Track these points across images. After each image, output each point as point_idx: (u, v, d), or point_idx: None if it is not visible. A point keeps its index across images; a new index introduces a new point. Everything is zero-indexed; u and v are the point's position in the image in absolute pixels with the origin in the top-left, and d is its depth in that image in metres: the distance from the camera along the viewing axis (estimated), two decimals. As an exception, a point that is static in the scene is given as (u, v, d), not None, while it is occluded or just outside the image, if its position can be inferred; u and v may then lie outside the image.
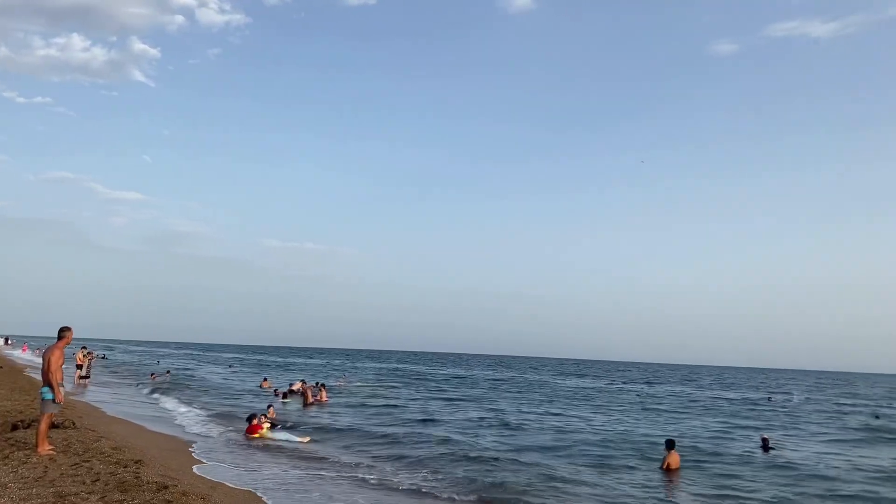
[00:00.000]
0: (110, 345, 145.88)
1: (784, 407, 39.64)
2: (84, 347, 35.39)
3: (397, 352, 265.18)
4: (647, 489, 12.74)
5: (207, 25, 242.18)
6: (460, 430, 20.26)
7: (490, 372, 79.78)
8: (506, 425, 22.21)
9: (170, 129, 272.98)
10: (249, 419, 17.42)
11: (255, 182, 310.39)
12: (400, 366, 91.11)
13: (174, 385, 35.89)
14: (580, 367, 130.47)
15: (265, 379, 38.77)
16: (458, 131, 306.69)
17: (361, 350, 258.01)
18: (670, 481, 13.87)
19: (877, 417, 34.31)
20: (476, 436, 19.18)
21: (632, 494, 12.12)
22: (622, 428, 23.00)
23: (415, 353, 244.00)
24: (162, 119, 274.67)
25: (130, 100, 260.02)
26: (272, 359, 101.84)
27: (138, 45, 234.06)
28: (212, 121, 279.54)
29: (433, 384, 48.21)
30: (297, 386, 29.89)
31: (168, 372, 43.47)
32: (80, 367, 31.35)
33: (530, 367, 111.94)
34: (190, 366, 64.25)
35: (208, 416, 21.57)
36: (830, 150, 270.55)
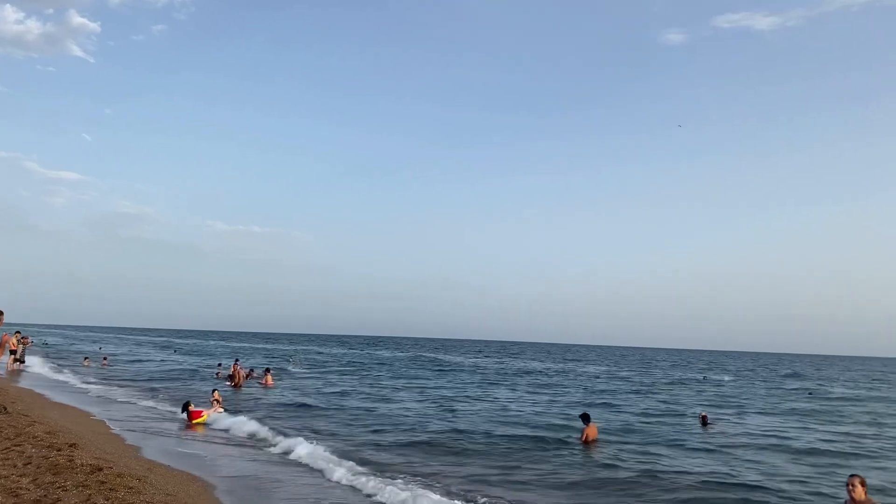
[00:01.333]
0: (50, 330, 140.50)
1: (720, 385, 41.46)
2: (18, 332, 34.06)
3: (349, 336, 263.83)
4: (566, 463, 13.27)
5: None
6: (399, 412, 20.62)
7: (434, 354, 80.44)
8: (442, 407, 22.72)
9: (111, 108, 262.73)
10: (185, 408, 17.14)
11: (201, 162, 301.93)
12: (349, 351, 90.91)
13: (114, 370, 35.07)
14: (530, 350, 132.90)
15: (219, 364, 38.13)
16: (410, 112, 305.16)
17: (312, 335, 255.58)
18: (591, 452, 14.57)
19: (810, 394, 36.35)
20: (412, 416, 19.55)
21: (552, 468, 12.57)
22: (556, 409, 23.70)
23: (369, 338, 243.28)
24: (102, 96, 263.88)
25: (68, 76, 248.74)
26: (221, 343, 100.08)
27: (77, 19, 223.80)
28: (156, 99, 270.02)
29: (380, 367, 48.43)
30: (233, 369, 29.65)
31: (105, 359, 42.28)
32: (13, 352, 30.26)
33: (477, 351, 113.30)
34: (133, 350, 62.64)
35: (150, 401, 21.23)
36: (769, 138, 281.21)
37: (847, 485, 7.03)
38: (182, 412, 17.16)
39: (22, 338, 32.12)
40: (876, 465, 14.24)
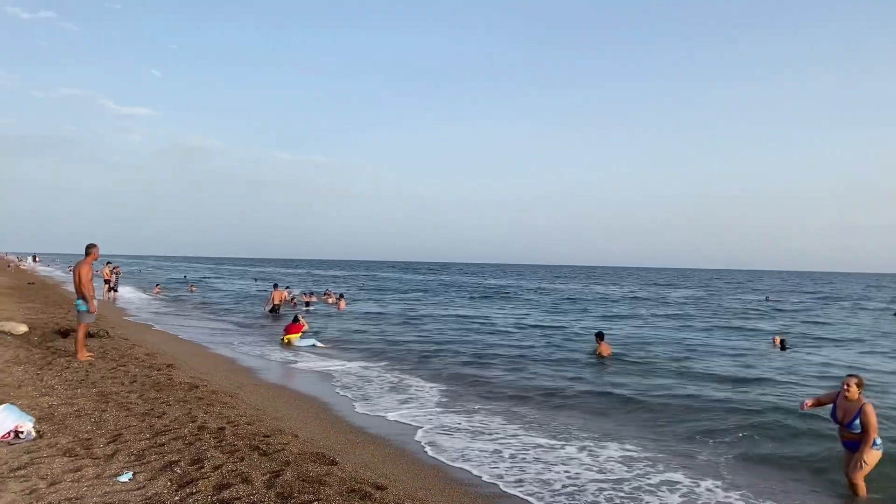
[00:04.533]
0: (133, 261, 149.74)
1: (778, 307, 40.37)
2: (109, 263, 36.64)
3: (418, 263, 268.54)
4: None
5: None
6: (456, 334, 21.34)
7: (516, 280, 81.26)
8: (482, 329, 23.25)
9: (177, 44, 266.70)
10: (296, 319, 18.49)
11: (267, 90, 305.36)
12: (424, 277, 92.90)
13: (201, 297, 37.37)
14: (615, 274, 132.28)
15: (311, 293, 39.07)
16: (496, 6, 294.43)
17: (384, 262, 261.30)
18: (603, 366, 15.25)
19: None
20: (468, 338, 20.21)
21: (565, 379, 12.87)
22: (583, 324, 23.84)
23: (439, 264, 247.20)
24: (168, 31, 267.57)
25: (135, 12, 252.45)
26: (294, 271, 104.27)
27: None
28: (220, 27, 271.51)
29: (456, 295, 49.55)
30: (282, 294, 28.72)
31: (193, 286, 45.08)
32: (107, 281, 32.69)
33: (557, 276, 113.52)
34: (213, 279, 66.26)
35: (235, 324, 22.72)
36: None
37: (843, 384, 7.00)
38: (293, 321, 18.46)
39: (113, 268, 34.55)
40: None
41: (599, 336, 17.20)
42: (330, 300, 33.48)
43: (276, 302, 26.70)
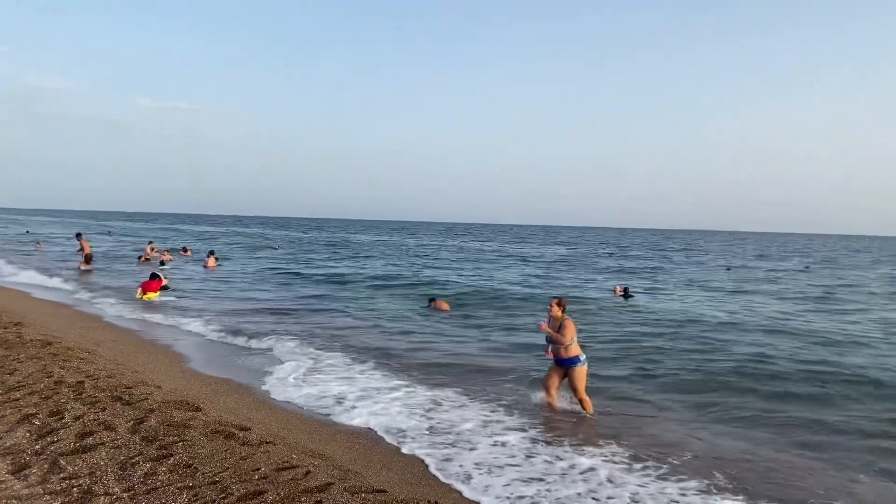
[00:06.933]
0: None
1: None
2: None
3: (295, 218, 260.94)
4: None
5: None
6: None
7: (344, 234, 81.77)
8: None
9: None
10: (154, 276, 17.80)
11: (125, 27, 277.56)
12: (301, 234, 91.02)
13: (48, 254, 34.59)
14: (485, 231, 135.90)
15: (167, 250, 37.07)
16: None
17: (258, 217, 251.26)
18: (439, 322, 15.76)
19: (728, 269, 39.16)
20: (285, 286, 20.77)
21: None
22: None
23: (307, 219, 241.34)
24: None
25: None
26: (155, 226, 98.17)
27: None
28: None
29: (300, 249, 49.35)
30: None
31: (39, 242, 41.39)
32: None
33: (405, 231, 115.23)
34: (63, 233, 61.01)
35: (87, 281, 21.51)
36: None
37: (548, 305, 8.11)
38: (151, 278, 17.76)
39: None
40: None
41: (431, 300, 17.83)
42: (208, 263, 31.64)
43: (87, 251, 26.43)
